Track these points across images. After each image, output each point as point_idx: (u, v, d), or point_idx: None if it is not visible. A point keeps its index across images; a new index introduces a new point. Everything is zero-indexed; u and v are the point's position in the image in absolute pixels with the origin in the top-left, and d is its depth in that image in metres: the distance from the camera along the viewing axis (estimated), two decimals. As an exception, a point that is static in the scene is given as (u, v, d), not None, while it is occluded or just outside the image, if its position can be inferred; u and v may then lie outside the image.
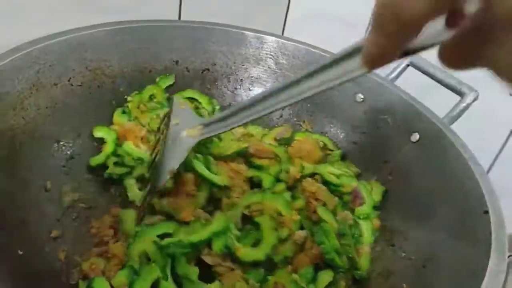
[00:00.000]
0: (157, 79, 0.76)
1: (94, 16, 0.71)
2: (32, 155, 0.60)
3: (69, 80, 0.67)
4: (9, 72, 0.58)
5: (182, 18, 0.86)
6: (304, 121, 0.81)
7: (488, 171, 0.96)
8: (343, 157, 0.76)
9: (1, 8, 0.64)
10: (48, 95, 0.64)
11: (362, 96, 0.76)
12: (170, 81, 0.77)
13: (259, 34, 0.80)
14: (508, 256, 0.83)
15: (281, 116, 0.82)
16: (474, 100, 0.70)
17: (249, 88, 0.83)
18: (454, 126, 0.67)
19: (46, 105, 0.63)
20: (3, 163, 0.55)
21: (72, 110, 0.67)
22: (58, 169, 0.64)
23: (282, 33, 1.04)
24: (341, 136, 0.78)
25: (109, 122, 0.70)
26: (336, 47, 0.80)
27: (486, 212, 0.54)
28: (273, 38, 0.80)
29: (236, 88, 0.82)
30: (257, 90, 0.83)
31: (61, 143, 0.65)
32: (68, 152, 0.65)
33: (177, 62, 0.78)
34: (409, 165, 0.68)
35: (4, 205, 0.53)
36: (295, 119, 0.82)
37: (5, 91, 0.58)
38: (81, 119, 0.68)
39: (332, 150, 0.77)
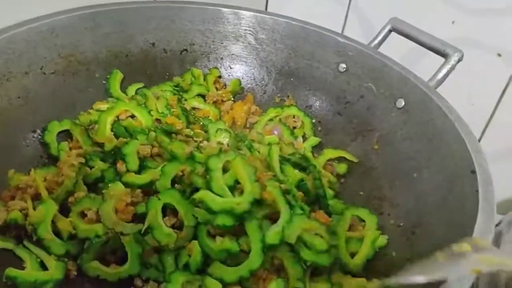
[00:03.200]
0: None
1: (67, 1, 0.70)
2: (7, 146, 0.59)
3: (41, 68, 0.65)
4: (-24, 63, 0.57)
5: (158, -1, 0.83)
6: (288, 96, 0.79)
7: (481, 136, 0.94)
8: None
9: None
10: (20, 84, 0.62)
11: (344, 66, 0.74)
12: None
13: (236, 10, 0.78)
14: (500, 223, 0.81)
15: (264, 93, 0.81)
16: (459, 60, 0.67)
17: (230, 66, 0.81)
18: (443, 94, 0.65)
19: (18, 95, 0.62)
20: (-24, 155, 0.54)
21: (47, 99, 0.65)
22: (36, 159, 0.62)
23: (266, 9, 1.02)
24: (326, 108, 0.77)
25: (86, 109, 0.69)
26: (321, 21, 0.79)
27: (473, 171, 0.52)
28: (251, 13, 0.78)
29: (217, 67, 0.80)
30: (238, 68, 0.81)
31: (38, 132, 0.64)
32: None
33: (153, 44, 0.76)
34: (395, 131, 0.66)
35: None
36: (279, 94, 0.80)
37: (-28, 82, 0.56)
38: (56, 108, 0.66)
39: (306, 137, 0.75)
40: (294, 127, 0.76)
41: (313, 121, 0.77)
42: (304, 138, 0.75)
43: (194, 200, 0.49)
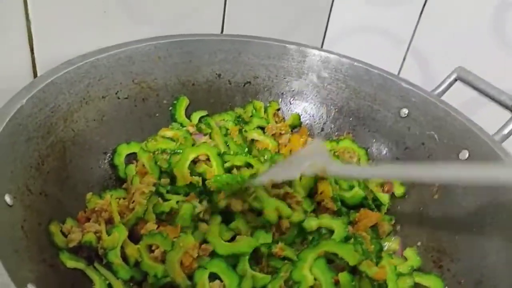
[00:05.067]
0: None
1: (143, 29, 0.73)
2: (82, 166, 0.62)
3: (116, 93, 0.68)
4: (61, 86, 0.60)
5: (225, 32, 0.87)
6: (347, 134, 0.80)
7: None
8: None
9: (54, 23, 0.66)
10: (96, 108, 0.65)
11: (406, 111, 0.74)
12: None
13: (301, 48, 0.80)
14: None
15: (322, 130, 0.82)
16: (528, 117, 0.67)
17: (290, 102, 0.82)
18: (506, 146, 0.65)
19: (94, 117, 0.65)
20: (55, 173, 0.57)
21: (119, 122, 0.68)
22: (106, 181, 0.65)
23: (322, 46, 1.04)
24: (384, 152, 0.77)
25: (153, 135, 0.71)
26: (378, 60, 0.80)
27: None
28: (316, 52, 0.80)
29: (276, 100, 0.82)
30: (298, 104, 0.82)
31: (108, 154, 0.67)
32: (115, 163, 0.66)
33: (219, 75, 0.79)
34: (457, 184, 0.66)
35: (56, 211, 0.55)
36: (336, 133, 0.81)
37: (57, 104, 0.59)
38: (127, 131, 0.69)
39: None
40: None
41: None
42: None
43: None
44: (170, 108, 0.75)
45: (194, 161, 0.66)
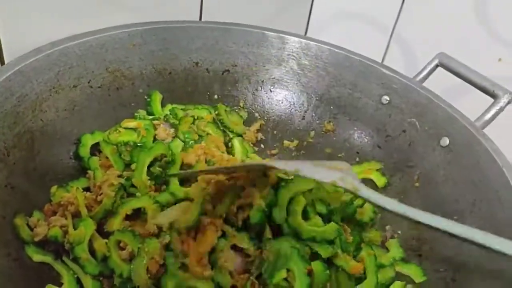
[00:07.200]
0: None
1: (117, 15, 0.71)
2: (51, 157, 0.60)
3: (88, 82, 0.66)
4: (29, 74, 0.58)
5: (203, 19, 0.84)
6: (328, 122, 0.78)
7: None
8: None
9: (23, 8, 0.64)
10: (67, 97, 0.63)
11: (387, 98, 0.73)
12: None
13: (281, 35, 0.78)
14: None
15: (303, 119, 0.80)
16: (509, 102, 0.66)
17: (270, 90, 0.80)
18: (487, 131, 0.64)
19: (65, 107, 0.63)
20: (21, 164, 0.55)
21: (91, 112, 0.66)
22: (78, 171, 0.63)
23: (305, 34, 1.02)
24: (366, 140, 0.75)
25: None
26: (362, 47, 0.79)
27: (523, 222, 0.50)
28: (296, 39, 0.78)
29: (257, 90, 0.80)
30: (278, 92, 0.80)
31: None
32: (87, 154, 0.65)
33: (197, 63, 0.77)
34: (438, 171, 0.65)
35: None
36: (317, 121, 0.79)
37: (24, 93, 0.57)
38: (100, 121, 0.67)
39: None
40: None
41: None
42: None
43: None
44: (147, 98, 0.73)
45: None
